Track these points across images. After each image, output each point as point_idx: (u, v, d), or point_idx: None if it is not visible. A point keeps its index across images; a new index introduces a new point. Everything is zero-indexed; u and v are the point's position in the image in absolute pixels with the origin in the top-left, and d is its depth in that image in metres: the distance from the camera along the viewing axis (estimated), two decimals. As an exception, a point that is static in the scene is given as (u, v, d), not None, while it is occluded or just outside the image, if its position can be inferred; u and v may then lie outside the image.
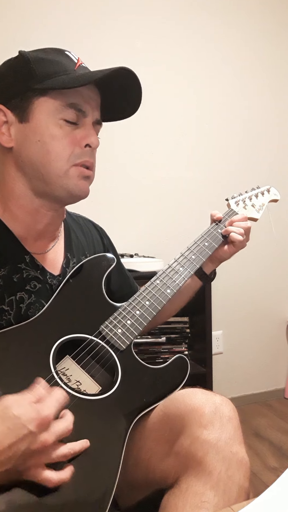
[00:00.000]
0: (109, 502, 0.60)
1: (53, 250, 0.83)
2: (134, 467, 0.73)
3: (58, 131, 0.72)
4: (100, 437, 0.65)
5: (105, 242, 1.00)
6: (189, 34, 1.97)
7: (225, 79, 2.06)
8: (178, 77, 1.96)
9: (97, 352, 0.75)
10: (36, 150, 0.72)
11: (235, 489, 0.60)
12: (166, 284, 0.86)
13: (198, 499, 0.59)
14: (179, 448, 0.66)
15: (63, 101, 0.72)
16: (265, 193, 1.10)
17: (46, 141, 0.72)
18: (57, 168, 0.73)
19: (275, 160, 2.20)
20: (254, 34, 2.10)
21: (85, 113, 0.74)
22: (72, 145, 0.73)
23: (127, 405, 0.71)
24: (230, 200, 1.05)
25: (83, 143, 0.74)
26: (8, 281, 0.73)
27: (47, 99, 0.71)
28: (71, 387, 0.68)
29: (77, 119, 0.74)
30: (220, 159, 2.08)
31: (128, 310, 0.81)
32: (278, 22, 2.15)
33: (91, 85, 0.74)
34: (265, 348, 2.27)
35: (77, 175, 0.75)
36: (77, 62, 0.75)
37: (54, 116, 0.72)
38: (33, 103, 0.72)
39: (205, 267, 0.99)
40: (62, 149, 0.72)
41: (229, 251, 0.97)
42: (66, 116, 0.72)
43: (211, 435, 0.64)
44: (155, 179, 1.96)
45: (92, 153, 0.77)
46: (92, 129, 0.76)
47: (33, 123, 0.72)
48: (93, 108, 0.76)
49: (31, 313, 0.75)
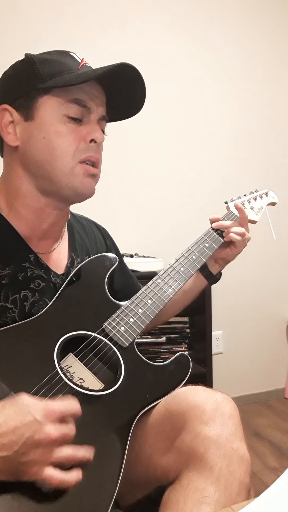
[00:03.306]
0: (112, 498, 0.60)
1: (57, 250, 0.84)
2: (135, 464, 0.73)
3: (63, 128, 0.73)
4: (103, 433, 0.66)
5: (107, 242, 1.01)
6: (191, 31, 1.98)
7: (226, 77, 2.07)
8: (179, 77, 1.97)
9: (100, 349, 0.75)
10: (41, 147, 0.73)
11: (236, 485, 0.61)
12: (168, 283, 0.87)
13: (199, 494, 0.60)
14: (180, 444, 0.67)
15: (66, 97, 0.72)
16: (263, 196, 1.12)
17: (51, 138, 0.72)
18: (63, 165, 0.73)
19: (275, 162, 2.20)
20: (253, 34, 2.11)
21: (90, 109, 0.75)
22: (77, 141, 0.74)
23: (130, 402, 0.72)
24: (229, 203, 1.06)
25: (88, 139, 0.75)
26: (13, 279, 0.74)
27: (51, 97, 0.72)
28: (74, 383, 0.68)
29: (82, 115, 0.74)
30: (221, 160, 2.09)
31: (130, 308, 0.81)
32: (276, 23, 2.16)
33: (95, 83, 0.75)
34: (265, 348, 2.28)
35: (83, 173, 0.75)
36: (81, 62, 0.76)
37: (58, 113, 0.72)
38: (37, 102, 0.73)
39: (212, 268, 1.01)
40: (67, 145, 0.73)
41: (232, 252, 0.98)
42: (70, 112, 0.73)
43: (212, 431, 0.65)
44: (155, 179, 1.96)
45: (97, 149, 0.77)
46: (97, 125, 0.76)
47: (38, 121, 0.73)
48: (97, 105, 0.76)
49: (35, 311, 0.76)
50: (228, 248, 0.98)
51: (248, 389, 2.25)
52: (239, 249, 0.98)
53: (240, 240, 0.96)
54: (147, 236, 1.95)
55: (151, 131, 1.93)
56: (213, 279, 1.02)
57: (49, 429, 0.54)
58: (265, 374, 2.29)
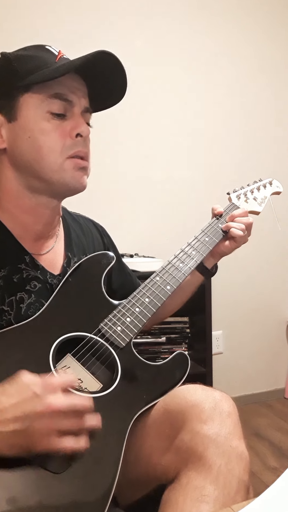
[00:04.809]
0: (109, 498, 0.60)
1: (52, 250, 0.83)
2: (135, 464, 0.73)
3: (47, 125, 0.72)
4: (101, 434, 0.65)
5: (105, 241, 1.00)
6: (187, 32, 1.98)
7: (224, 76, 2.07)
8: (179, 76, 1.97)
9: (97, 350, 0.75)
10: (27, 147, 0.72)
11: (235, 483, 0.61)
12: (166, 280, 0.86)
13: (199, 493, 0.60)
14: (179, 443, 0.67)
15: (47, 93, 0.71)
16: (267, 185, 1.08)
17: (36, 137, 0.72)
18: (51, 163, 0.73)
19: (275, 156, 2.20)
20: (254, 30, 2.11)
21: (72, 103, 0.74)
22: (63, 137, 0.73)
23: (128, 402, 0.72)
24: (232, 194, 1.04)
25: (74, 133, 0.73)
26: (8, 281, 0.74)
27: (31, 95, 0.71)
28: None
29: (64, 110, 0.73)
30: (220, 159, 2.09)
31: (127, 307, 0.81)
32: (279, 16, 2.16)
33: (74, 74, 0.74)
34: (265, 348, 2.28)
35: (73, 167, 0.74)
36: (58, 55, 0.75)
37: (41, 110, 0.71)
38: (19, 101, 0.72)
39: (206, 262, 0.98)
40: (53, 142, 0.72)
41: (230, 246, 0.96)
42: (53, 108, 0.72)
43: (211, 430, 0.65)
44: (155, 178, 1.96)
45: (84, 142, 0.76)
46: (81, 118, 0.75)
47: (22, 121, 0.72)
48: (79, 97, 0.75)
49: (31, 313, 0.75)
50: (228, 242, 0.96)
51: (248, 389, 2.24)
52: (238, 244, 0.96)
53: (242, 236, 0.94)
54: (147, 236, 1.95)
55: (151, 131, 1.93)
56: (209, 273, 1.00)
57: (49, 400, 0.56)
58: (265, 374, 2.28)
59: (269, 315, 2.28)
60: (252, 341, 2.24)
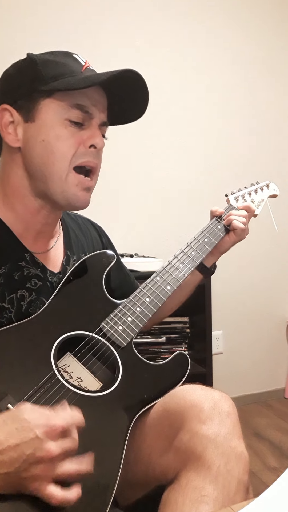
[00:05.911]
0: (110, 499, 0.60)
1: (53, 249, 0.84)
2: (134, 464, 0.73)
3: (63, 131, 0.72)
4: (102, 434, 0.65)
5: (103, 240, 1.00)
6: (190, 31, 1.97)
7: (225, 77, 2.07)
8: (178, 76, 1.97)
9: (98, 349, 0.75)
10: (40, 150, 0.72)
11: (234, 483, 0.61)
12: (166, 280, 0.86)
13: (198, 493, 0.60)
14: (178, 444, 0.67)
15: (69, 102, 0.72)
16: (264, 188, 1.10)
17: (50, 141, 0.72)
18: (60, 170, 0.73)
19: (275, 158, 2.20)
20: (258, 27, 2.11)
21: (91, 115, 0.74)
22: (77, 144, 0.73)
23: (128, 402, 0.72)
24: (230, 196, 1.05)
25: (88, 144, 0.74)
26: (9, 279, 0.74)
27: (53, 100, 0.72)
28: (72, 384, 0.68)
29: (83, 120, 0.73)
30: (220, 161, 2.08)
31: (128, 307, 0.81)
32: (282, 15, 2.15)
33: (98, 87, 0.74)
34: (265, 348, 2.28)
35: (76, 184, 0.74)
36: (84, 65, 0.75)
37: (60, 116, 0.72)
38: (39, 104, 0.72)
39: (206, 260, 0.99)
40: (67, 148, 0.72)
41: (230, 240, 0.97)
42: (72, 117, 0.72)
43: (210, 430, 0.65)
44: (155, 179, 1.96)
45: (97, 154, 0.76)
46: (98, 130, 0.75)
47: (38, 123, 0.72)
48: (99, 110, 0.75)
49: (32, 311, 0.75)
50: (227, 236, 0.97)
51: (248, 389, 2.24)
52: (238, 238, 0.97)
53: (243, 228, 0.95)
54: (147, 236, 1.95)
55: (151, 131, 1.93)
56: (208, 272, 1.00)
57: (50, 446, 0.53)
58: (265, 374, 2.28)
59: (269, 315, 2.28)
60: (252, 341, 2.24)
